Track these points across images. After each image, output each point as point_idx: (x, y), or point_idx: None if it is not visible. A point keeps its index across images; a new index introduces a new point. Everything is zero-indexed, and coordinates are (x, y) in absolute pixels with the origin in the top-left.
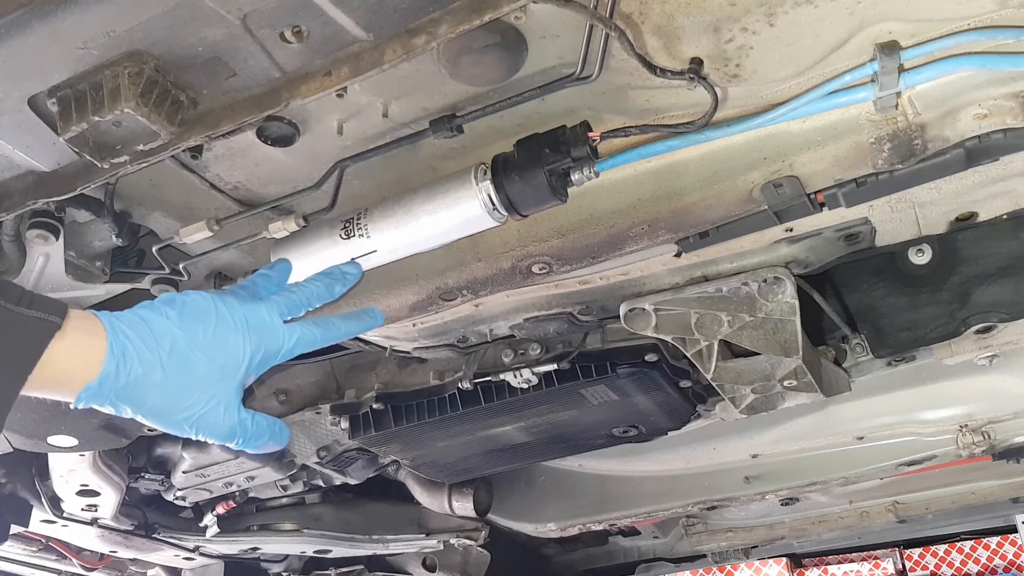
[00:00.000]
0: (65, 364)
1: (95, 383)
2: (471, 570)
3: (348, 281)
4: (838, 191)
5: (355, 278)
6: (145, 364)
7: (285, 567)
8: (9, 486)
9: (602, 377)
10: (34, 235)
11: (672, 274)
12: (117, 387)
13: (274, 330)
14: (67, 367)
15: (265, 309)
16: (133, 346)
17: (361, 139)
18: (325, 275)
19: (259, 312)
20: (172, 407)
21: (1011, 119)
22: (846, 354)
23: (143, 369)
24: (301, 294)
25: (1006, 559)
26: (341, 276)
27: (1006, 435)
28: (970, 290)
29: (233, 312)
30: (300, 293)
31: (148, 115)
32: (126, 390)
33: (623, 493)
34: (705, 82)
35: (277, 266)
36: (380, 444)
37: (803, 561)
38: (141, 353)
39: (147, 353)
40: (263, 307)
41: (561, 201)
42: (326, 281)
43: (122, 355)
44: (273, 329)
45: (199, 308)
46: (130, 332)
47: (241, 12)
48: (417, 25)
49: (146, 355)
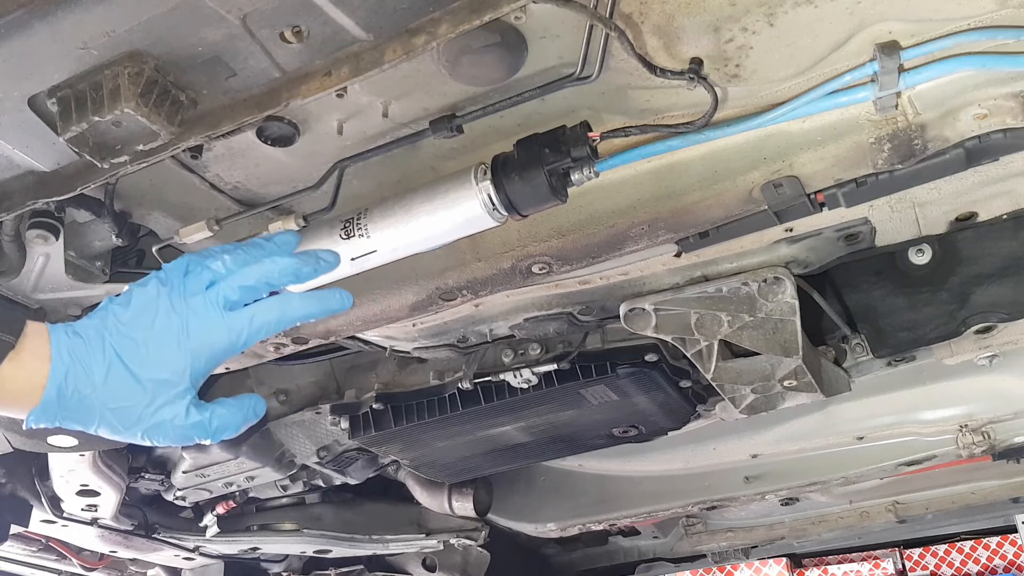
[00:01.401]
0: (14, 386)
1: (39, 407)
2: (471, 570)
3: (321, 268)
4: (838, 191)
5: (330, 266)
6: (84, 386)
7: (285, 567)
8: (9, 486)
9: (602, 377)
10: (34, 235)
11: (672, 274)
12: (61, 409)
13: (215, 330)
14: (16, 389)
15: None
16: (73, 369)
17: (361, 139)
18: (295, 256)
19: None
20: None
21: (1011, 119)
22: (846, 354)
23: (85, 391)
24: (254, 274)
25: (1006, 559)
26: (314, 260)
27: (1006, 435)
28: (970, 290)
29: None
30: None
31: (148, 115)
32: (71, 411)
33: (623, 493)
34: (705, 82)
35: (277, 236)
36: (380, 444)
37: (803, 561)
38: (79, 377)
39: (85, 376)
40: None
41: (561, 201)
42: (294, 263)
43: (64, 378)
44: (214, 329)
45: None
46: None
47: (241, 12)
48: (417, 25)
49: (84, 379)
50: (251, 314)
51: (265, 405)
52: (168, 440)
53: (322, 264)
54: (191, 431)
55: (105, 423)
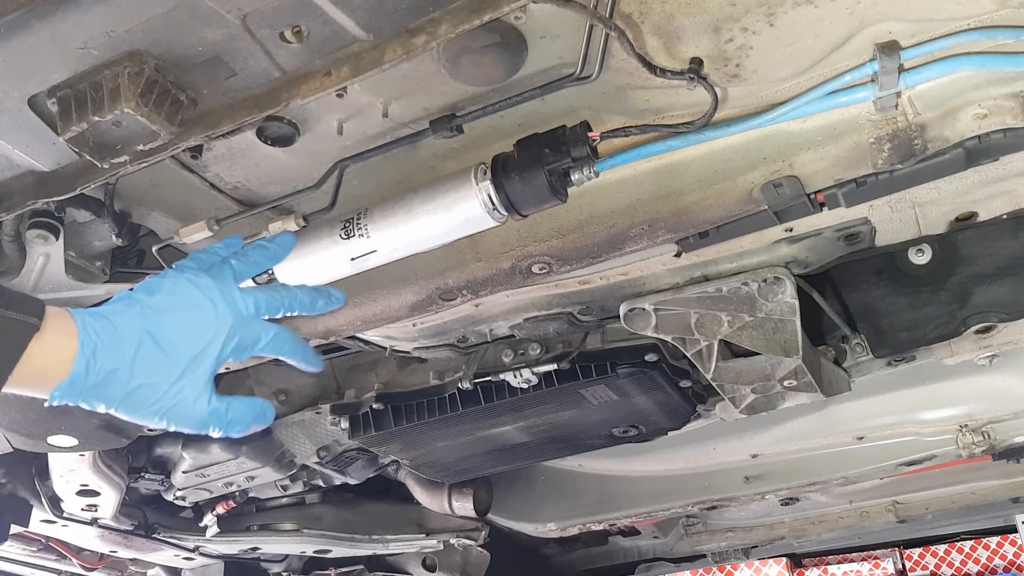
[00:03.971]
0: (40, 363)
1: (67, 382)
2: (471, 570)
3: (332, 303)
4: (838, 191)
5: (339, 303)
6: (114, 362)
7: (285, 567)
8: (9, 486)
9: (602, 377)
10: (34, 235)
11: (672, 274)
12: (87, 385)
13: (250, 322)
14: (42, 366)
15: (242, 301)
16: (103, 344)
17: (361, 139)
18: (314, 288)
19: (237, 303)
20: (141, 401)
21: (1011, 119)
22: (846, 354)
23: (112, 366)
24: (285, 297)
25: (1006, 559)
26: (327, 295)
27: (1006, 435)
28: (970, 290)
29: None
30: (284, 296)
31: (148, 115)
32: (96, 388)
33: (623, 493)
34: (705, 82)
35: (278, 239)
36: (380, 444)
37: (803, 561)
38: (110, 351)
39: (116, 351)
40: (242, 298)
41: (561, 201)
42: (312, 294)
43: (92, 354)
44: (250, 321)
45: (177, 294)
46: (100, 330)
47: (241, 12)
48: (417, 25)
49: (115, 353)
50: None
51: (275, 413)
52: (184, 424)
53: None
54: (209, 418)
55: (128, 401)
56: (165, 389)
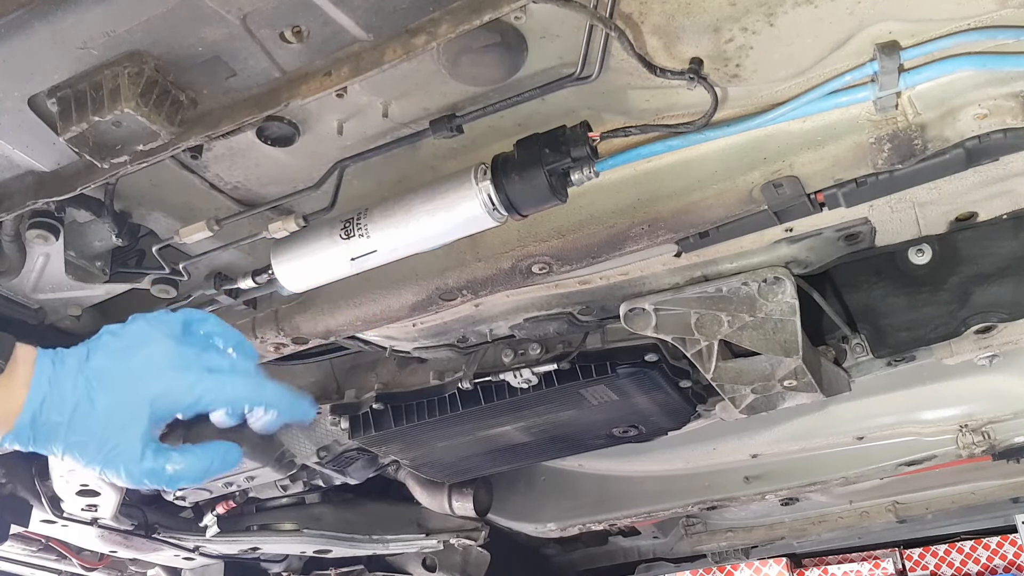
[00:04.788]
0: None
1: (12, 432)
2: (471, 570)
3: (297, 416)
4: (838, 191)
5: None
6: (58, 413)
7: (285, 567)
8: (9, 486)
9: (602, 377)
10: (34, 235)
11: (672, 274)
12: (34, 435)
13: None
14: None
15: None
16: (51, 395)
17: (361, 139)
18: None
19: (180, 364)
20: (81, 454)
21: (1011, 119)
22: (846, 354)
23: (56, 419)
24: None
25: (1006, 559)
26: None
27: (1006, 435)
28: (970, 290)
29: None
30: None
31: (148, 115)
32: (42, 437)
33: (623, 493)
34: (705, 82)
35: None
36: (380, 444)
37: (803, 561)
38: (54, 404)
39: (60, 403)
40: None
41: (561, 201)
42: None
43: (39, 405)
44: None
45: (134, 342)
46: (53, 379)
47: (241, 12)
48: (417, 25)
49: (58, 405)
50: (224, 383)
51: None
52: (124, 480)
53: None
54: (144, 476)
55: (69, 453)
56: (98, 445)
